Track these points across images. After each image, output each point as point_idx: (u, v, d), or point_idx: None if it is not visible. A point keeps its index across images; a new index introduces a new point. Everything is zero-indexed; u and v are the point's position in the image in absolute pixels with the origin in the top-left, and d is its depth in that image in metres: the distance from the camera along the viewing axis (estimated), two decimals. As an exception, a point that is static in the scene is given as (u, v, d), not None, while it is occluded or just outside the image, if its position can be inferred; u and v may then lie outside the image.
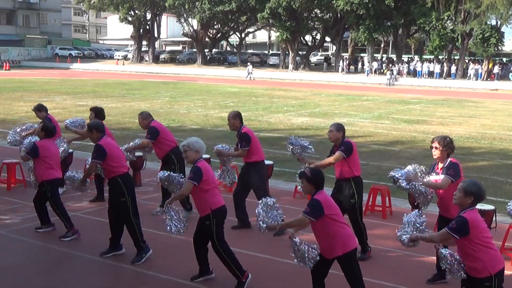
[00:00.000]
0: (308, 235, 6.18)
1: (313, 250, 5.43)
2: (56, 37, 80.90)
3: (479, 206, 6.76)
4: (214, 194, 6.40)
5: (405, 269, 7.34)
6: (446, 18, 48.86)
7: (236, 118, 8.53)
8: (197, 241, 6.55)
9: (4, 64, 58.82)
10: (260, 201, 5.89)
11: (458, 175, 6.30)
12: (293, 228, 5.67)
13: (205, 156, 9.54)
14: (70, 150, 11.35)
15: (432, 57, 54.11)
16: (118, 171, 7.16)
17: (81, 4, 72.77)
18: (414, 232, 5.52)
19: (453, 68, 50.39)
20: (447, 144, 6.45)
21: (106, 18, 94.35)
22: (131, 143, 9.40)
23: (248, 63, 55.02)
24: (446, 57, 54.72)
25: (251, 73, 50.82)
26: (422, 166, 6.84)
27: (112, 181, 7.20)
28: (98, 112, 9.87)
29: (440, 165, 6.54)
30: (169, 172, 6.86)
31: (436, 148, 6.48)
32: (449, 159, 6.47)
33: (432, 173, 6.59)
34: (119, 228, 7.34)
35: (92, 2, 67.89)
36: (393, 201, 9.92)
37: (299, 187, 6.23)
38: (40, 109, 10.32)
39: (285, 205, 9.67)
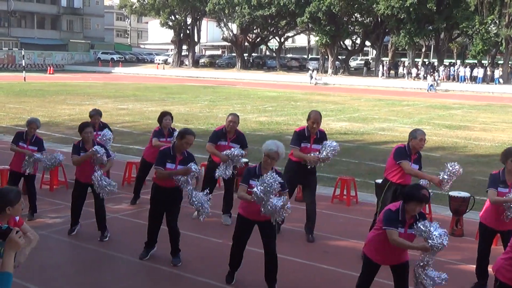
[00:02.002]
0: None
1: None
2: (99, 41, 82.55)
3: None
4: None
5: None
6: (489, 22, 47.73)
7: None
8: (244, 244, 6.56)
9: (48, 68, 60.29)
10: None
11: None
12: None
13: (245, 159, 9.54)
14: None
15: (475, 61, 53.06)
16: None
17: (123, 9, 74.20)
18: None
19: (497, 73, 49.23)
20: None
21: (147, 23, 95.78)
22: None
23: (311, 68, 54.89)
24: (489, 61, 53.55)
25: (315, 78, 50.79)
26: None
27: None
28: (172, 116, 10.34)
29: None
30: None
31: None
32: None
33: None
34: (157, 232, 7.39)
35: (134, 7, 69.11)
36: (433, 208, 9.74)
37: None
38: (101, 114, 10.61)
39: (323, 210, 9.61)
